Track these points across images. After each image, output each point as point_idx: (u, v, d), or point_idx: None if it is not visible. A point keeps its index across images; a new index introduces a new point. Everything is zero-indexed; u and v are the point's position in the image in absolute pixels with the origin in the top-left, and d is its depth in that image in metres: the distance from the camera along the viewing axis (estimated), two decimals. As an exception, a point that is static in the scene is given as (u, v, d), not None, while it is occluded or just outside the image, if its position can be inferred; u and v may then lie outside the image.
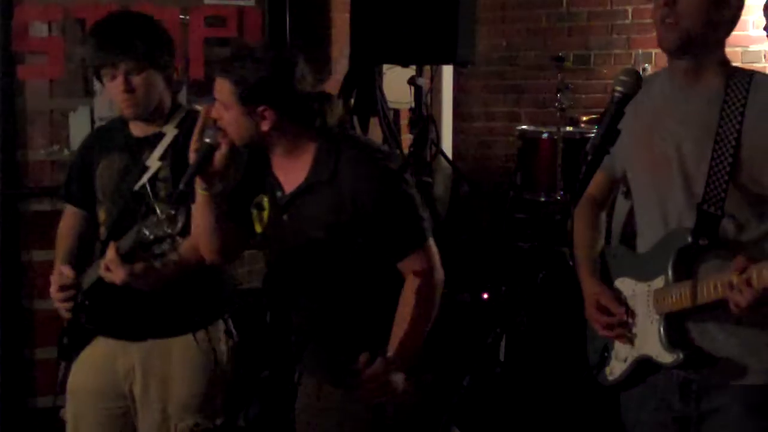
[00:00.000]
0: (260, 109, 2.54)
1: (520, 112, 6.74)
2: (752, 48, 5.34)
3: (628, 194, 2.75)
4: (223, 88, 2.55)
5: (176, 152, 2.97)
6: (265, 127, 2.55)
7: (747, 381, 2.39)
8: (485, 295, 4.63)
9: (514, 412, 2.94)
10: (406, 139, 6.10)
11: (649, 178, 2.48)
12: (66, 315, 3.09)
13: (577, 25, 6.59)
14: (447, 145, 6.92)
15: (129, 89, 2.91)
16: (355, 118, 5.63)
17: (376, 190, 2.55)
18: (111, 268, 2.79)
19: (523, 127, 5.99)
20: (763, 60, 5.60)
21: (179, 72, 4.10)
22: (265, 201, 2.72)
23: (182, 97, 4.23)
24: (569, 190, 2.62)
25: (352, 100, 5.60)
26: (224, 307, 3.18)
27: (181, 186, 2.54)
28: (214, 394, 3.11)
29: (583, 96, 6.28)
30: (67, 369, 3.20)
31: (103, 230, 3.09)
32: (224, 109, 2.55)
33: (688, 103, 2.41)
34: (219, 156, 2.53)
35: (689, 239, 2.35)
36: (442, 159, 6.12)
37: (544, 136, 5.53)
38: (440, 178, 6.17)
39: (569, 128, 5.59)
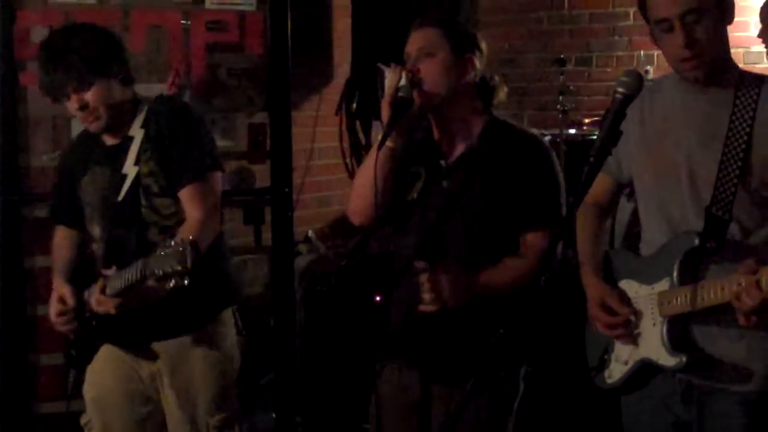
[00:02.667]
0: (467, 56, 2.71)
1: (522, 114, 6.73)
2: (754, 49, 5.33)
3: (630, 196, 2.75)
4: (431, 36, 2.70)
5: (151, 144, 2.98)
6: (468, 75, 2.71)
7: (751, 387, 2.38)
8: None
9: (519, 414, 2.93)
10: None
11: (656, 183, 2.48)
12: (70, 335, 3.10)
13: (578, 27, 6.59)
14: (449, 148, 6.90)
15: (83, 106, 2.92)
16: (357, 122, 5.64)
17: (536, 167, 2.70)
18: (101, 307, 2.83)
19: (525, 129, 5.97)
20: (765, 60, 5.57)
21: (181, 76, 4.12)
22: (423, 171, 2.79)
23: (188, 100, 4.25)
24: (571, 192, 2.63)
25: (355, 104, 5.60)
26: (231, 300, 3.20)
27: (379, 136, 2.67)
28: (232, 387, 3.17)
29: (585, 98, 6.28)
30: (78, 377, 3.21)
31: (99, 246, 3.08)
32: (428, 58, 2.67)
33: (698, 109, 2.41)
34: (412, 111, 2.65)
35: (696, 242, 2.34)
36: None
37: (547, 138, 5.50)
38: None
39: (572, 130, 5.59)
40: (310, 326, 4.86)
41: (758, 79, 2.40)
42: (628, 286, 2.55)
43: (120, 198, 3.00)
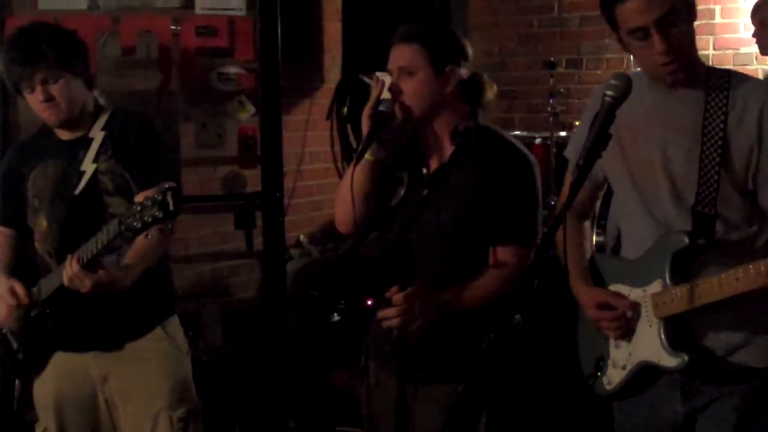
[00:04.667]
0: (448, 68, 2.67)
1: (513, 117, 6.75)
2: (743, 50, 5.36)
3: None
4: (410, 54, 2.66)
5: (114, 145, 3.02)
6: (450, 87, 2.67)
7: (749, 377, 2.39)
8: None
9: (510, 417, 2.92)
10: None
11: (634, 184, 2.48)
12: (12, 340, 3.10)
13: (568, 30, 6.60)
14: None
15: (48, 98, 2.95)
16: (348, 126, 5.64)
17: (514, 181, 2.67)
18: (76, 280, 2.80)
19: (516, 132, 5.98)
20: (755, 62, 5.61)
21: (172, 81, 4.12)
22: (405, 176, 2.79)
23: (176, 105, 4.24)
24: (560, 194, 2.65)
25: (346, 109, 5.61)
26: (171, 310, 3.23)
27: (358, 148, 2.68)
28: (191, 381, 3.19)
29: (576, 100, 6.28)
30: (25, 387, 3.21)
31: (46, 240, 3.09)
32: (408, 77, 2.65)
33: (670, 107, 2.40)
34: (394, 124, 2.64)
35: (686, 241, 2.34)
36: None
37: (537, 141, 5.54)
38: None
39: (562, 133, 5.59)
40: (302, 330, 4.86)
41: (725, 74, 2.39)
42: (617, 290, 2.54)
43: (77, 192, 3.02)
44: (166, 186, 2.54)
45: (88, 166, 3.03)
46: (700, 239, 2.34)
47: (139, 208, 2.56)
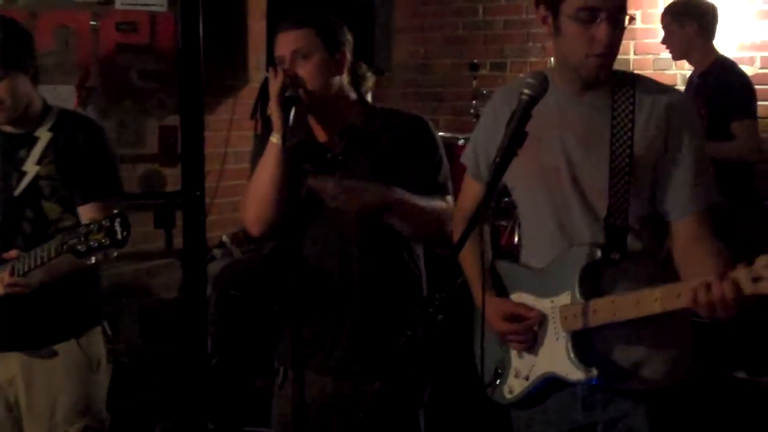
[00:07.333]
0: (341, 50, 2.74)
1: (438, 119, 6.77)
2: (663, 56, 5.44)
3: None
4: (305, 37, 2.69)
5: (57, 151, 2.95)
6: (343, 70, 2.74)
7: (650, 385, 2.39)
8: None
9: (430, 417, 2.93)
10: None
11: (539, 190, 2.43)
12: None
13: (493, 34, 6.65)
14: (366, 152, 6.90)
15: None
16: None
17: (413, 136, 2.75)
18: (7, 289, 2.78)
19: (441, 133, 5.99)
20: (674, 67, 5.71)
21: (92, 77, 4.06)
22: (309, 166, 2.77)
23: (96, 102, 4.17)
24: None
25: (270, 108, 5.56)
26: (99, 312, 3.19)
27: (275, 139, 2.68)
28: (97, 395, 3.13)
29: (500, 103, 6.32)
30: None
31: None
32: (303, 60, 2.68)
33: (575, 111, 2.38)
34: (301, 108, 2.67)
35: (599, 254, 2.31)
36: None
37: (461, 142, 5.56)
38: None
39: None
40: (223, 331, 4.81)
41: (631, 79, 2.40)
42: (521, 299, 2.49)
43: (17, 194, 2.96)
44: (115, 213, 2.51)
45: (31, 168, 2.96)
46: (614, 253, 2.31)
47: (84, 231, 2.53)
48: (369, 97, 3.11)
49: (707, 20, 4.80)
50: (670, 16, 4.87)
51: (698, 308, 2.08)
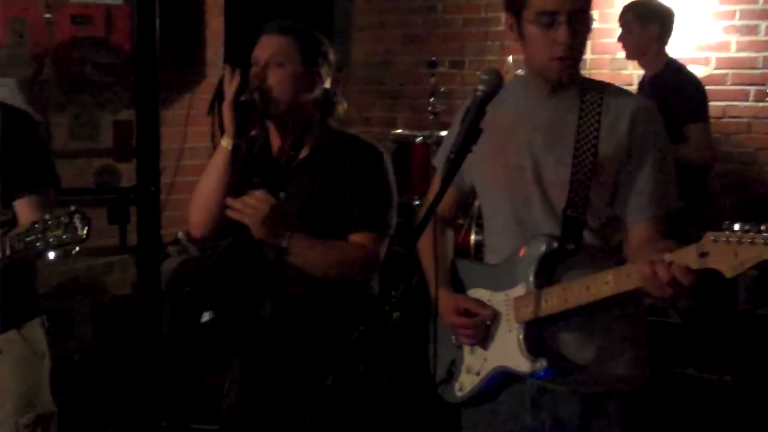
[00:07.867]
0: (316, 69, 2.71)
1: (396, 116, 6.78)
2: (619, 55, 5.47)
3: None
4: (284, 45, 2.69)
5: None
6: (316, 91, 2.72)
7: (599, 388, 2.39)
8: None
9: (384, 414, 2.93)
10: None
11: (503, 190, 2.45)
12: None
13: (452, 32, 6.66)
14: (324, 149, 6.89)
15: None
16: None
17: (367, 169, 2.70)
18: None
19: (399, 131, 6.01)
20: (630, 67, 5.75)
21: (44, 71, 4.01)
22: (260, 180, 2.73)
23: (52, 95, 4.13)
24: (425, 194, 2.65)
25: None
26: (39, 305, 3.12)
27: (224, 143, 2.66)
28: (45, 385, 3.08)
29: (458, 101, 6.32)
30: None
31: None
32: (278, 67, 2.66)
33: (544, 112, 2.40)
34: (254, 114, 2.65)
35: (555, 245, 2.33)
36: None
37: (418, 140, 5.56)
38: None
39: (442, 132, 5.62)
40: (177, 328, 4.78)
41: (600, 85, 2.43)
42: (477, 295, 2.50)
43: None
44: (72, 209, 2.44)
45: None
46: (570, 244, 2.33)
47: (40, 227, 2.47)
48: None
49: (668, 25, 4.85)
50: (632, 15, 4.89)
51: (648, 287, 2.09)
